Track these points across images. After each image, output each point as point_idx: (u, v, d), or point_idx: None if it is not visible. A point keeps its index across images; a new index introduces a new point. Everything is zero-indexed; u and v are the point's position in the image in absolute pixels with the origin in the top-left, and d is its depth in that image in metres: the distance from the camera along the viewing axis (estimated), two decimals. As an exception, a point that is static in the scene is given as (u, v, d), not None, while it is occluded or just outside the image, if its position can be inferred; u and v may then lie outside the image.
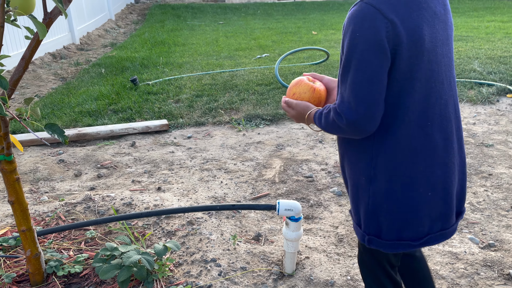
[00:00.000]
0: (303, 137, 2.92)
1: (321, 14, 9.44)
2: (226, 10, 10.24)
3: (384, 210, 0.93)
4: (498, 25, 7.22)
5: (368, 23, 0.82)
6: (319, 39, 6.42)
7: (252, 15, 9.61)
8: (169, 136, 2.98)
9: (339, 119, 0.88)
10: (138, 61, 5.00)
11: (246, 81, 4.14)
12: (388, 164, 0.91)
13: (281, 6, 10.90)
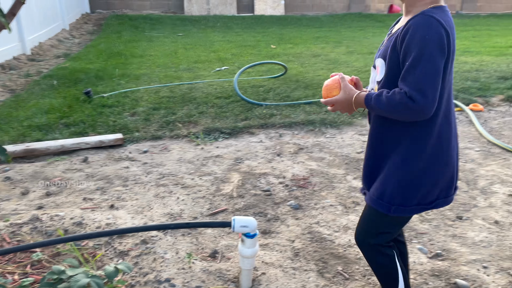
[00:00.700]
0: (262, 150, 2.94)
1: (279, 28, 9.61)
2: (185, 22, 10.20)
3: (413, 183, 1.16)
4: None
5: (434, 30, 1.05)
6: (277, 53, 6.52)
7: (211, 28, 9.63)
8: (124, 150, 2.91)
9: (409, 102, 1.05)
10: (93, 73, 4.86)
11: (205, 94, 4.12)
12: (437, 145, 1.14)
13: (241, 19, 11.00)
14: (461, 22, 11.48)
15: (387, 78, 1.14)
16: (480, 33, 8.95)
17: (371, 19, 11.67)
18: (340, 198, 2.27)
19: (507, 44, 7.13)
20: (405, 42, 1.07)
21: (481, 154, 2.77)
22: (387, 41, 1.19)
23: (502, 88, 4.12)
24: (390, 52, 1.12)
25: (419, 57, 1.04)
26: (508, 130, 3.20)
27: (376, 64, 1.20)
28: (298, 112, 3.62)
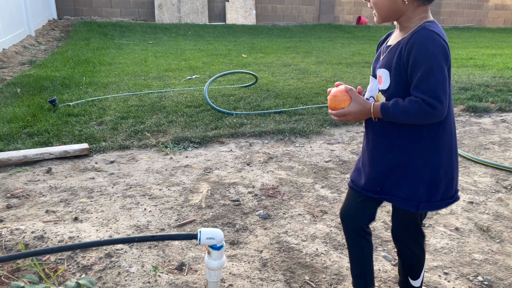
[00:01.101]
0: (231, 159, 2.93)
1: (251, 38, 9.68)
2: (156, 29, 10.12)
3: (436, 181, 1.26)
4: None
5: (438, 43, 1.16)
6: (248, 62, 6.56)
7: (183, 36, 9.59)
8: (89, 161, 2.84)
9: (428, 109, 1.15)
10: (59, 81, 4.74)
11: (175, 102, 4.09)
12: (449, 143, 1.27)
13: (212, 28, 11.01)
14: (425, 34, 11.89)
15: (396, 86, 1.23)
16: (443, 45, 9.30)
17: (340, 30, 11.94)
18: (308, 207, 2.29)
19: (468, 56, 7.45)
20: (412, 54, 1.17)
21: (443, 163, 2.87)
22: (388, 53, 1.27)
23: (463, 98, 4.29)
24: (396, 63, 1.22)
25: (430, 68, 1.15)
26: (468, 139, 3.33)
27: (378, 74, 1.29)
28: (268, 121, 3.65)
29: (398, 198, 1.31)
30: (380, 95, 1.29)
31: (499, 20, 15.63)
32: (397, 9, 1.24)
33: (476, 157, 2.88)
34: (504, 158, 2.93)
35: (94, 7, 11.53)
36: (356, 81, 5.10)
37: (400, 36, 1.26)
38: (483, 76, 5.34)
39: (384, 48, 1.32)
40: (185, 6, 11.87)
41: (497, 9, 15.52)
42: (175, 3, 11.72)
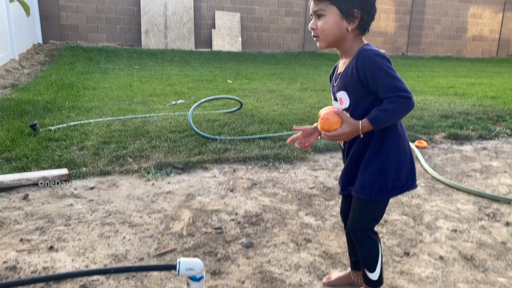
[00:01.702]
0: (215, 186, 2.89)
1: (236, 64, 9.79)
2: (142, 55, 10.16)
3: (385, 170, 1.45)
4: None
5: (379, 55, 1.36)
6: (234, 88, 6.61)
7: (169, 61, 9.64)
8: (69, 187, 2.77)
9: (405, 101, 1.33)
10: (41, 105, 4.67)
11: (159, 127, 4.06)
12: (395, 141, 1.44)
13: (199, 54, 11.12)
14: (406, 63, 12.23)
15: (354, 101, 1.44)
16: (424, 73, 9.55)
17: (324, 58, 12.19)
18: (292, 235, 2.25)
19: (448, 84, 7.65)
20: (367, 70, 1.36)
21: (426, 190, 2.88)
22: (341, 78, 1.47)
23: (444, 126, 4.37)
24: (350, 84, 1.43)
25: (386, 73, 1.34)
26: (450, 166, 3.37)
27: (338, 96, 1.50)
28: (252, 147, 3.64)
29: (355, 189, 1.51)
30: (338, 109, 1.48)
31: (477, 50, 16.20)
32: (341, 36, 1.44)
33: (459, 185, 2.90)
34: (486, 186, 2.96)
35: (80, 32, 11.55)
36: (340, 108, 5.16)
37: (346, 63, 1.48)
38: (463, 104, 5.47)
39: (336, 75, 1.53)
40: (171, 32, 12.00)
41: (475, 40, 16.10)
42: (161, 30, 11.84)
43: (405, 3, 14.78)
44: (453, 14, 15.50)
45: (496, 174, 3.20)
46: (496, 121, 4.70)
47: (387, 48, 14.98)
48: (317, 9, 1.44)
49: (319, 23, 1.44)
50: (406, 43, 15.16)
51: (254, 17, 13.29)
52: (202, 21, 12.64)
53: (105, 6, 11.73)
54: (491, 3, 15.93)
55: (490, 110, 5.15)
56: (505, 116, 4.86)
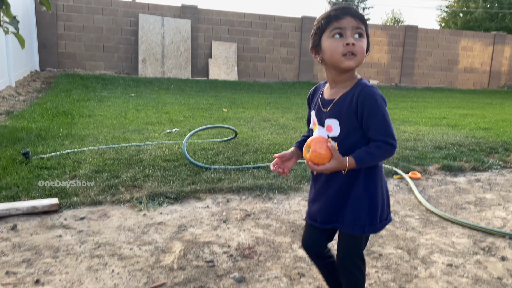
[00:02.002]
0: (208, 216, 2.86)
1: (232, 93, 9.89)
2: (138, 83, 10.25)
3: (374, 206, 1.49)
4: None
5: (380, 96, 1.42)
6: (229, 117, 6.64)
7: (165, 90, 9.73)
8: (58, 217, 2.72)
9: (389, 147, 1.41)
10: (35, 132, 4.66)
11: (152, 156, 4.04)
12: (379, 178, 1.51)
13: (195, 82, 11.24)
14: (400, 93, 12.41)
15: (346, 132, 1.46)
16: (417, 104, 9.68)
17: (319, 88, 12.35)
18: (285, 269, 2.21)
19: (441, 115, 7.74)
20: (366, 107, 1.40)
21: (420, 222, 2.86)
22: (335, 105, 1.47)
23: (438, 157, 4.39)
24: (346, 114, 1.44)
25: (382, 116, 1.40)
26: (444, 198, 3.36)
27: (327, 123, 1.50)
28: (246, 176, 3.62)
29: (346, 225, 1.52)
30: (330, 141, 1.49)
31: (468, 82, 16.51)
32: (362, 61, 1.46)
33: (453, 217, 2.88)
34: (480, 219, 2.95)
35: (78, 60, 11.68)
36: (334, 138, 5.18)
37: (339, 91, 1.49)
38: (456, 136, 5.52)
39: (324, 101, 1.53)
40: (168, 61, 12.15)
41: (467, 71, 16.43)
42: (158, 58, 12.00)
43: (398, 35, 15.15)
44: (445, 46, 15.88)
45: (490, 207, 3.19)
46: (489, 153, 4.73)
47: (381, 78, 15.23)
48: (359, 27, 1.42)
49: (359, 42, 1.41)
50: (399, 74, 15.43)
51: (250, 47, 13.53)
52: (199, 50, 12.85)
53: (104, 35, 11.92)
54: (481, 36, 16.37)
55: (483, 141, 5.20)
56: (498, 148, 4.89)
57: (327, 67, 1.50)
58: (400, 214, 2.99)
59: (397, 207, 3.13)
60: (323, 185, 1.54)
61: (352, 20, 1.40)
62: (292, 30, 13.87)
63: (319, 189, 1.56)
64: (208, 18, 12.84)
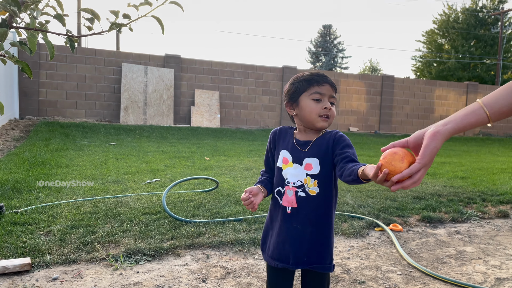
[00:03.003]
0: (186, 275, 2.77)
1: (214, 140, 9.93)
2: (120, 131, 10.23)
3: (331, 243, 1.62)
4: (366, 159, 8.29)
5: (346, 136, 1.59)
6: (211, 165, 6.63)
7: (146, 137, 9.71)
8: (30, 278, 2.59)
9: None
10: (10, 184, 4.53)
11: (131, 209, 3.96)
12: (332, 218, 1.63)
13: (177, 130, 11.27)
14: (379, 141, 12.68)
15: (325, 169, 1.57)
16: (396, 152, 9.87)
17: (301, 135, 12.53)
18: (266, 333, 2.13)
19: (420, 163, 7.88)
20: (341, 143, 1.54)
21: (403, 278, 2.83)
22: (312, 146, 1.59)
23: (417, 208, 4.43)
24: (325, 154, 1.56)
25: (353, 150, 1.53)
26: (426, 251, 3.35)
27: (306, 162, 1.58)
28: (227, 230, 3.56)
29: (321, 265, 1.58)
30: (309, 179, 1.57)
31: (444, 129, 17.01)
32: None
33: (435, 273, 2.86)
34: (461, 274, 2.94)
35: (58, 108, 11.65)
36: (315, 188, 5.20)
37: (311, 135, 1.63)
38: (434, 185, 5.61)
39: (299, 142, 1.63)
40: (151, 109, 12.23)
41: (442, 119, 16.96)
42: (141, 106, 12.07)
43: (375, 84, 15.71)
44: (420, 95, 16.51)
45: (470, 261, 3.20)
46: (467, 203, 4.80)
47: (360, 126, 15.60)
48: (333, 96, 1.62)
49: (333, 108, 1.61)
50: (378, 121, 15.86)
51: (232, 95, 13.79)
52: (182, 98, 13.02)
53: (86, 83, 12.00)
54: (455, 86, 17.12)
55: (461, 191, 5.29)
56: (476, 198, 4.97)
57: (299, 121, 1.65)
58: (383, 270, 2.96)
59: (379, 261, 3.10)
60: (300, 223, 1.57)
61: (330, 88, 1.59)
62: (273, 79, 14.25)
63: (293, 229, 1.57)
64: (191, 67, 13.13)
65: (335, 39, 43.08)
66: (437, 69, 30.98)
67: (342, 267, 2.99)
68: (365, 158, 8.50)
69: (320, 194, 1.55)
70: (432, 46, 31.95)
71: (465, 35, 29.67)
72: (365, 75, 15.78)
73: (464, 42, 29.49)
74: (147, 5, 1.63)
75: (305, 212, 1.56)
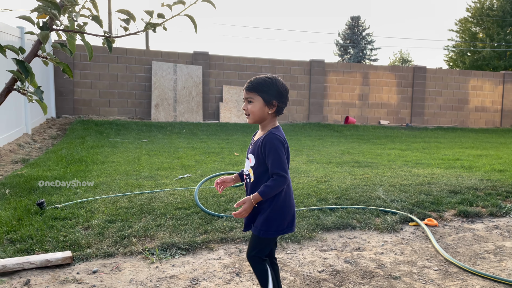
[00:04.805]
0: (220, 269, 2.81)
1: (243, 136, 9.97)
2: (151, 127, 10.43)
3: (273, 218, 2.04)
4: (398, 153, 8.12)
5: (278, 140, 1.99)
6: (240, 160, 6.67)
7: (177, 134, 9.87)
8: (71, 271, 2.70)
9: (281, 179, 1.96)
10: (50, 181, 4.72)
11: (165, 204, 4.05)
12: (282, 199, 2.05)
13: (206, 126, 11.39)
14: (411, 134, 12.38)
15: (258, 164, 2.04)
16: (429, 145, 9.62)
17: (329, 129, 12.41)
18: (300, 326, 2.14)
19: (455, 157, 7.66)
20: (266, 148, 1.97)
21: (439, 274, 2.77)
22: (254, 144, 2.08)
23: (453, 202, 4.31)
24: (257, 151, 2.02)
25: (278, 155, 1.96)
26: (463, 247, 3.26)
27: (249, 156, 2.10)
28: (259, 225, 3.58)
29: (254, 226, 2.08)
30: (251, 170, 2.09)
31: (480, 121, 16.45)
32: (263, 116, 2.06)
33: (473, 269, 2.79)
34: (500, 269, 2.85)
35: (92, 106, 12.00)
36: (347, 182, 5.15)
37: (260, 134, 2.09)
38: (471, 179, 5.43)
39: (252, 141, 2.14)
40: (180, 106, 12.41)
41: (478, 110, 16.42)
42: (171, 103, 12.27)
43: (406, 76, 15.33)
44: (454, 86, 15.99)
45: (510, 256, 3.09)
46: (505, 197, 4.63)
47: (391, 119, 15.28)
48: (247, 96, 2.05)
49: (249, 106, 2.05)
50: (410, 114, 15.48)
51: (260, 91, 13.75)
52: (210, 94, 13.13)
53: (118, 82, 12.30)
54: (490, 76, 16.48)
55: (499, 185, 5.10)
56: (515, 191, 4.79)
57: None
58: (418, 265, 2.90)
59: (415, 257, 3.05)
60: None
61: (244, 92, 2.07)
62: (301, 73, 14.15)
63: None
64: (219, 64, 13.21)
65: (363, 30, 42.28)
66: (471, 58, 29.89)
67: (376, 262, 2.95)
68: (397, 151, 8.33)
69: (255, 180, 2.05)
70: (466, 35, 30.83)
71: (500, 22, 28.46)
72: (396, 67, 15.41)
73: (500, 30, 28.29)
74: (180, 4, 1.65)
75: (250, 193, 2.07)
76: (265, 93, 2.01)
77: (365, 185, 4.99)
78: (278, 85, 2.04)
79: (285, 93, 2.06)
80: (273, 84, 2.03)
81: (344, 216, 3.82)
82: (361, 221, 3.74)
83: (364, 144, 9.46)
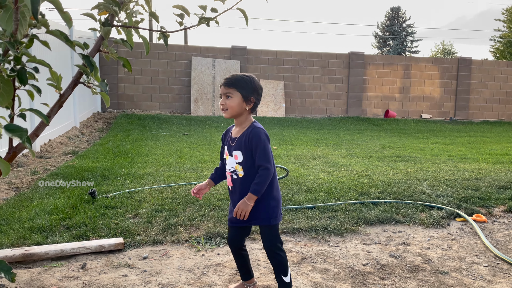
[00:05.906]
0: (264, 259, 2.87)
1: (280, 130, 9.99)
2: (191, 121, 10.66)
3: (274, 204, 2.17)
4: (442, 147, 7.87)
5: (263, 133, 2.10)
6: (279, 154, 6.70)
7: (216, 128, 10.02)
8: (123, 256, 2.84)
9: (266, 171, 2.07)
10: (99, 172, 4.95)
11: (208, 195, 4.15)
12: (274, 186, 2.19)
13: (244, 120, 11.49)
14: (455, 128, 11.95)
15: (246, 158, 2.12)
16: (475, 139, 9.26)
17: (369, 123, 12.18)
18: (346, 317, 2.15)
19: (503, 151, 7.34)
20: (254, 142, 2.07)
21: (489, 270, 2.69)
22: (237, 141, 2.14)
23: (503, 198, 4.15)
24: (244, 146, 2.10)
25: (264, 148, 2.07)
26: (514, 243, 3.15)
27: (234, 154, 2.15)
28: (300, 217, 3.61)
29: (260, 220, 2.16)
30: (238, 166, 2.15)
31: (530, 114, 15.61)
32: (241, 111, 2.13)
33: (526, 265, 2.69)
34: (557, 267, 2.73)
35: (135, 101, 12.39)
36: (389, 176, 5.07)
37: (240, 131, 2.16)
38: (521, 174, 5.21)
39: (231, 138, 2.20)
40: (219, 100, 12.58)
41: (527, 103, 15.58)
42: (210, 98, 12.46)
43: (450, 68, 14.78)
44: (501, 78, 15.26)
45: None
46: (560, 193, 4.40)
47: (433, 112, 14.80)
48: (226, 92, 2.12)
49: (227, 101, 2.12)
50: (454, 107, 14.93)
51: (297, 84, 13.73)
52: (248, 89, 13.19)
53: (159, 77, 12.62)
54: (541, 67, 15.58)
55: (552, 180, 4.86)
56: None
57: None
58: (467, 261, 2.84)
59: (463, 252, 2.98)
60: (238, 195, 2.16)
61: (223, 87, 2.14)
62: (339, 66, 13.96)
63: (234, 201, 2.21)
64: (256, 58, 13.26)
65: (404, 22, 41.03)
66: (520, 49, 28.36)
67: (422, 257, 2.91)
68: (440, 146, 8.08)
69: (245, 175, 2.13)
70: (515, 24, 29.25)
71: (554, 9, 26.79)
72: (438, 59, 14.88)
73: (553, 18, 26.65)
74: (232, -3, 1.70)
75: (238, 189, 2.16)
76: (243, 89, 2.11)
77: (408, 180, 4.89)
78: (255, 83, 2.15)
79: (260, 91, 2.18)
80: (251, 81, 2.14)
81: (388, 210, 3.78)
82: (405, 216, 3.68)
83: (406, 138, 9.23)
